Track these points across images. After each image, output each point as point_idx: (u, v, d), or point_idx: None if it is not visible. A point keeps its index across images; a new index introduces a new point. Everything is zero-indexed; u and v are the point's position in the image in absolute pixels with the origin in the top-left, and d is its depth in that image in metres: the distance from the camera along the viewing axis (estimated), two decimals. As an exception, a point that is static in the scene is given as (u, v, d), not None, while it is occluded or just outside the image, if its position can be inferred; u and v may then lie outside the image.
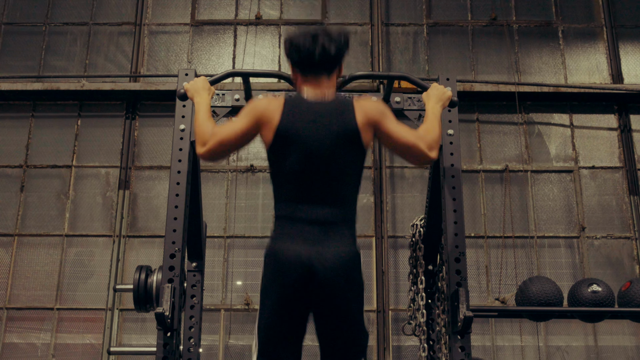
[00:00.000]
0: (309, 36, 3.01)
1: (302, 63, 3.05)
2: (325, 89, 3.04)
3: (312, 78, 3.05)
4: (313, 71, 3.04)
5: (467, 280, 3.45)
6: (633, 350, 8.35)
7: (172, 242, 3.46)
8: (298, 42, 3.03)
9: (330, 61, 3.03)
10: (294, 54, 3.06)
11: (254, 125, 2.97)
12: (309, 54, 3.00)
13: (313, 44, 2.99)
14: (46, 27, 9.61)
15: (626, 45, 9.50)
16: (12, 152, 9.05)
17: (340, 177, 2.93)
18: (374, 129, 2.99)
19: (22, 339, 8.40)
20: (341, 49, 3.05)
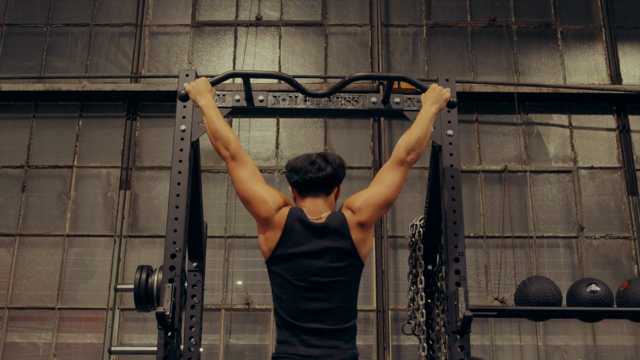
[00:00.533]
0: (307, 159, 3.14)
1: (299, 184, 3.15)
2: (323, 206, 3.14)
3: (310, 198, 3.15)
4: (310, 191, 3.14)
5: (466, 280, 3.45)
6: (631, 350, 8.35)
7: (173, 242, 3.45)
8: (297, 164, 3.15)
9: (327, 181, 3.14)
10: (292, 175, 3.16)
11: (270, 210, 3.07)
12: (306, 173, 3.11)
13: (310, 166, 3.12)
14: (47, 28, 9.61)
15: (625, 46, 9.50)
16: (13, 153, 9.05)
17: (339, 291, 3.02)
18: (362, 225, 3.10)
19: (24, 338, 8.40)
20: (337, 170, 3.16)
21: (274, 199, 3.09)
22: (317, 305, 2.98)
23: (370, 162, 8.89)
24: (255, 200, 3.09)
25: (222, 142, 3.21)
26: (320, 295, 2.99)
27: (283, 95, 3.89)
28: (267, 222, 3.06)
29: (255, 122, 9.12)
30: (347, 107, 3.87)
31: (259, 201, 3.08)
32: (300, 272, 2.99)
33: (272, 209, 3.06)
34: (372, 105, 3.86)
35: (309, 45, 9.53)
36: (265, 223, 3.07)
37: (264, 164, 8.88)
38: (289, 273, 3.01)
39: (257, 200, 3.09)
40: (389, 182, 3.19)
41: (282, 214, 3.06)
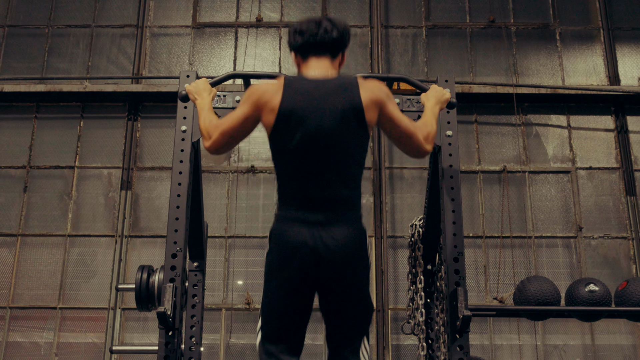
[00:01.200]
0: (312, 21, 3.03)
1: (304, 45, 3.02)
2: (328, 69, 3.01)
3: (315, 60, 3.02)
4: (315, 52, 3.02)
5: (465, 280, 3.45)
6: (630, 349, 8.35)
7: (174, 242, 3.46)
8: (301, 27, 3.03)
9: (333, 43, 3.03)
10: (297, 38, 3.03)
11: (254, 110, 2.94)
12: (311, 35, 2.99)
13: (316, 27, 3.00)
14: (49, 30, 9.61)
15: (623, 47, 9.50)
16: (15, 153, 9.05)
17: (345, 156, 2.89)
18: (378, 109, 2.94)
19: (26, 337, 8.40)
20: (343, 34, 3.06)
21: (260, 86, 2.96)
22: (320, 168, 2.87)
23: (370, 163, 8.89)
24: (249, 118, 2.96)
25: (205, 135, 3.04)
26: (324, 157, 2.86)
27: (283, 96, 3.88)
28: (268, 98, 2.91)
29: (256, 123, 9.11)
30: (347, 107, 3.86)
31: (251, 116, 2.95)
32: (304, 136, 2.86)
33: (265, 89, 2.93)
34: (371, 106, 3.86)
35: (309, 46, 9.52)
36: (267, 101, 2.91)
37: (264, 164, 8.88)
38: (293, 138, 2.87)
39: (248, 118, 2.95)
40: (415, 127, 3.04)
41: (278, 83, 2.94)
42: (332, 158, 2.87)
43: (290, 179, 2.92)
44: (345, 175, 2.90)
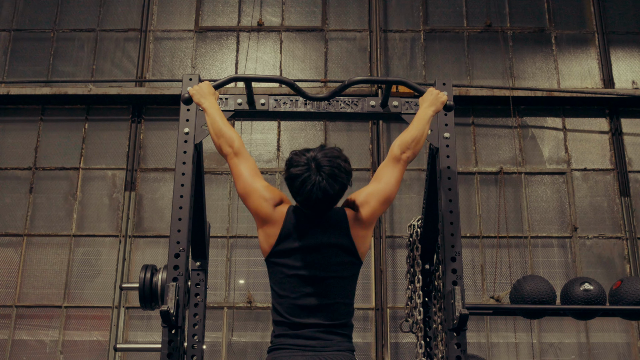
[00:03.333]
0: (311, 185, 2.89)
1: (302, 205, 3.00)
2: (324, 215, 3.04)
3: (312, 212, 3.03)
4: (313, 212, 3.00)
5: (462, 279, 3.45)
6: (624, 347, 8.35)
7: (177, 242, 3.45)
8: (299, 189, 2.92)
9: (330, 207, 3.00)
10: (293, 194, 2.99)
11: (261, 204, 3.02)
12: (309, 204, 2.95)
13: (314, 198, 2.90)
14: (54, 34, 9.61)
15: (617, 51, 9.50)
16: (21, 155, 9.06)
17: (338, 290, 2.99)
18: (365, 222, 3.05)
19: (31, 336, 8.40)
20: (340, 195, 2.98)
21: (273, 196, 3.04)
22: (314, 301, 2.95)
23: (369, 164, 8.89)
24: (255, 196, 3.04)
25: (226, 140, 3.16)
26: (318, 291, 2.95)
27: (284, 99, 3.89)
28: (266, 218, 3.01)
29: (257, 125, 9.12)
30: (347, 110, 3.86)
31: (259, 197, 3.03)
32: (299, 267, 2.96)
33: (272, 205, 3.02)
34: (370, 108, 3.86)
35: (309, 50, 9.53)
36: (265, 219, 3.02)
37: (265, 165, 8.89)
38: (288, 268, 2.97)
39: (257, 195, 3.03)
40: (387, 179, 3.13)
41: (281, 210, 3.02)
42: (325, 290, 2.97)
43: (284, 304, 2.99)
44: (337, 305, 2.99)
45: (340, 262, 3.00)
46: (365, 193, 3.10)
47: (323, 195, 2.89)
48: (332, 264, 2.98)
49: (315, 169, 2.90)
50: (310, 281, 2.96)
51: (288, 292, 2.98)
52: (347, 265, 3.02)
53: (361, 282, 5.98)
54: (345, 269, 3.02)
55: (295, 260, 2.97)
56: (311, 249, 2.97)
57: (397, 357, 8.22)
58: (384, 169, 3.19)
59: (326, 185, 2.88)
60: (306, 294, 2.96)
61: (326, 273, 2.97)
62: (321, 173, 2.89)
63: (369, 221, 3.06)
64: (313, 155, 2.94)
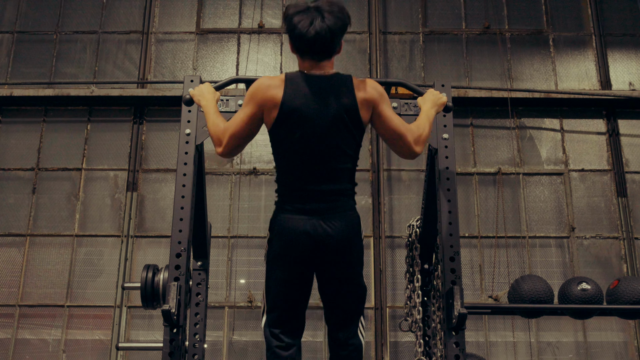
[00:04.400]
0: (307, 22, 2.94)
1: (301, 49, 3.02)
2: (325, 68, 3.05)
3: (311, 60, 3.05)
4: (311, 56, 3.03)
5: (461, 279, 3.45)
6: (621, 346, 8.35)
7: (178, 242, 3.45)
8: (296, 26, 2.96)
9: (330, 49, 3.02)
10: (292, 37, 3.01)
11: (259, 109, 3.00)
12: (308, 43, 2.97)
13: (312, 34, 2.93)
14: (57, 36, 9.62)
15: (614, 52, 9.50)
16: (24, 156, 9.06)
17: (340, 152, 3.00)
18: (371, 108, 3.03)
19: (34, 335, 8.40)
20: (340, 33, 3.01)
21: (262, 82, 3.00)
22: (318, 165, 2.97)
23: (369, 165, 8.89)
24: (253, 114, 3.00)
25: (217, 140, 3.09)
26: (322, 155, 2.97)
27: (284, 100, 3.88)
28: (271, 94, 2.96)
29: (258, 126, 9.10)
30: (346, 111, 3.86)
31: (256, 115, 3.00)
32: (303, 132, 2.94)
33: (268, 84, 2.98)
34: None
35: (309, 52, 9.52)
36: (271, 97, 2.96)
37: (265, 166, 8.89)
38: (293, 133, 2.96)
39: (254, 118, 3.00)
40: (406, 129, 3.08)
41: (279, 78, 3.01)
42: (328, 154, 2.98)
43: (289, 172, 3.03)
44: (340, 170, 3.02)
45: (342, 124, 2.98)
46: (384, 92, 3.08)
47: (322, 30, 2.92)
48: (334, 128, 2.97)
49: (314, 9, 2.96)
50: (313, 145, 2.96)
51: (291, 157, 3.00)
52: (349, 126, 3.00)
53: (361, 281, 5.94)
54: (347, 133, 3.00)
55: (298, 124, 2.95)
56: (313, 108, 2.95)
57: (397, 356, 8.22)
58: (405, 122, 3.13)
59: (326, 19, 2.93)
60: (310, 158, 2.97)
61: (329, 138, 2.96)
62: (320, 12, 2.95)
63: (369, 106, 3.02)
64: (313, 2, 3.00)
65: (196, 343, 4.25)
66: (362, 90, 3.01)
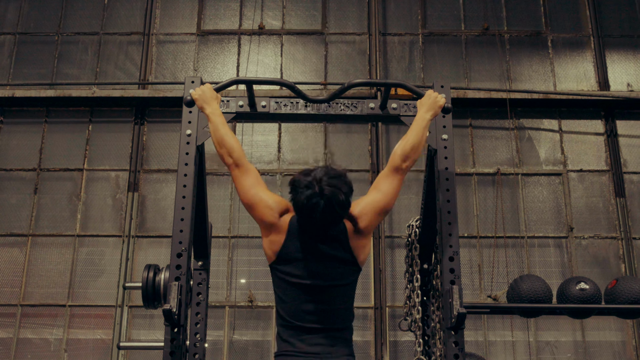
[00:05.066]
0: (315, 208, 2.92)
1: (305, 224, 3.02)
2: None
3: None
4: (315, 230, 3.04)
5: (460, 279, 3.45)
6: (619, 345, 8.35)
7: (179, 242, 3.45)
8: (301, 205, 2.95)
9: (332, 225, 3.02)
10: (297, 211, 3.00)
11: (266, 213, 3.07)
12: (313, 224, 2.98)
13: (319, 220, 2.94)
14: (59, 37, 9.62)
15: (612, 54, 9.50)
16: (26, 156, 9.06)
17: (338, 298, 3.04)
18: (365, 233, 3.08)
19: (36, 334, 8.40)
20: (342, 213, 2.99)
21: (278, 205, 3.07)
22: (316, 307, 2.99)
23: (368, 166, 8.89)
24: (260, 206, 3.08)
25: (227, 149, 3.20)
26: (320, 298, 3.00)
27: (285, 101, 3.89)
28: (271, 227, 3.06)
29: (258, 127, 9.12)
30: (346, 112, 3.87)
31: (264, 206, 3.07)
32: (301, 276, 2.99)
33: (277, 214, 3.05)
34: (370, 110, 3.86)
35: (309, 53, 9.54)
36: (270, 227, 3.06)
37: (266, 167, 8.89)
38: (291, 276, 3.01)
39: (262, 205, 3.07)
40: (386, 190, 3.17)
41: (285, 219, 3.06)
42: (327, 297, 3.01)
43: (288, 309, 3.03)
44: (339, 311, 3.04)
45: (341, 272, 3.04)
46: (364, 204, 3.12)
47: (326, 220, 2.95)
48: (333, 273, 3.02)
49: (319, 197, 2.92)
50: (312, 289, 3.00)
51: (291, 299, 3.03)
52: (348, 273, 3.06)
53: (361, 281, 5.98)
54: (345, 277, 3.05)
55: (297, 268, 3.01)
56: (313, 259, 3.01)
57: (396, 355, 8.22)
58: (384, 178, 3.21)
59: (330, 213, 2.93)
60: (308, 301, 3.00)
61: (327, 282, 3.01)
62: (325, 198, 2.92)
63: (367, 231, 3.10)
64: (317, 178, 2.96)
65: (197, 342, 4.25)
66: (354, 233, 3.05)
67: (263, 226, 3.09)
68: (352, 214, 3.08)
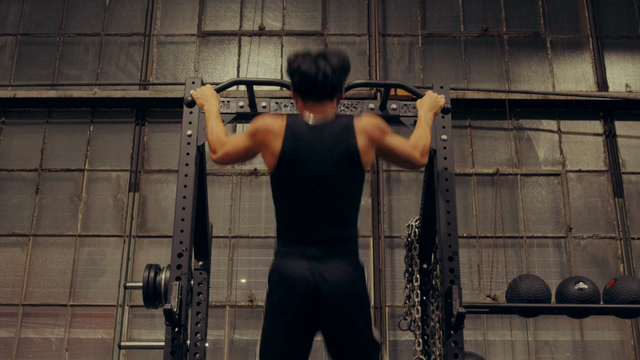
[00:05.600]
0: (311, 61, 2.92)
1: (303, 89, 2.96)
2: (327, 111, 2.98)
3: (314, 103, 2.98)
4: (315, 97, 2.97)
5: (459, 278, 3.46)
6: (617, 345, 8.35)
7: (180, 242, 3.46)
8: (299, 66, 2.93)
9: (332, 88, 2.96)
10: (295, 78, 2.96)
11: (256, 146, 2.97)
12: (310, 80, 2.91)
13: (315, 71, 2.90)
14: (60, 38, 9.62)
15: (611, 54, 9.50)
16: (27, 157, 9.06)
17: (342, 198, 2.92)
18: (375, 146, 2.98)
19: (38, 334, 8.40)
20: (342, 75, 2.99)
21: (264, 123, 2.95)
22: (319, 210, 2.88)
23: (368, 166, 8.88)
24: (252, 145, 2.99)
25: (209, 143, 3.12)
26: (323, 200, 2.88)
27: (285, 102, 3.90)
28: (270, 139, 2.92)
29: (259, 128, 9.10)
30: (346, 112, 3.87)
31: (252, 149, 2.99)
32: (303, 179, 2.87)
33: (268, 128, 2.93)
34: (369, 111, 3.87)
35: (309, 54, 9.52)
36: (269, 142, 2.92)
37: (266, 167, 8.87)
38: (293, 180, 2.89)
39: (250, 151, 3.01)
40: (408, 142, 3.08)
41: (280, 124, 2.93)
42: (330, 201, 2.89)
43: (289, 218, 2.93)
44: (342, 216, 2.92)
45: (344, 170, 2.91)
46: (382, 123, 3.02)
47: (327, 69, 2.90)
48: (335, 171, 2.89)
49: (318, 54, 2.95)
50: (314, 191, 2.88)
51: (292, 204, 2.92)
52: (351, 172, 2.94)
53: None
54: (349, 178, 2.93)
55: (298, 169, 2.88)
56: (315, 156, 2.88)
57: (396, 354, 8.22)
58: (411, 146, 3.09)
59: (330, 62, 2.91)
60: (311, 204, 2.88)
61: (330, 180, 2.89)
62: (324, 55, 2.94)
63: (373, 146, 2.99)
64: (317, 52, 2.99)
65: (197, 342, 4.25)
66: (364, 134, 2.93)
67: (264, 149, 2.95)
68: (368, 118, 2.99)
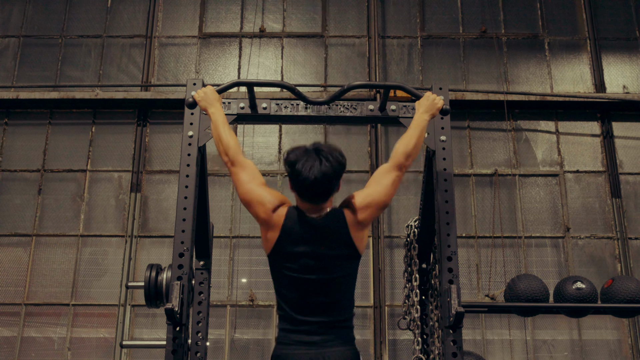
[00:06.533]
0: (308, 165, 2.91)
1: (299, 192, 2.99)
2: (323, 209, 3.03)
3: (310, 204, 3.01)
4: (311, 201, 3.00)
5: (458, 278, 3.45)
6: (615, 344, 8.35)
7: (181, 242, 3.46)
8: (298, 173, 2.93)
9: (328, 194, 2.99)
10: (292, 180, 2.98)
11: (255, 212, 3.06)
12: (307, 188, 2.93)
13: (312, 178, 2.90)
14: (62, 40, 9.62)
15: (608, 56, 9.50)
16: (30, 157, 9.06)
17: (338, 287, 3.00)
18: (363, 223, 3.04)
19: (40, 333, 8.40)
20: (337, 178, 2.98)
21: (271, 200, 3.03)
22: (317, 300, 2.95)
23: (368, 167, 8.89)
24: (254, 202, 3.05)
25: (223, 147, 3.20)
26: (321, 290, 2.96)
27: (285, 103, 3.89)
28: (266, 223, 3.02)
29: (259, 129, 9.12)
30: (346, 114, 3.87)
31: (257, 202, 3.03)
32: (300, 270, 2.96)
33: (269, 209, 3.01)
34: (369, 112, 3.87)
35: (309, 55, 9.54)
36: (265, 223, 3.03)
37: (267, 168, 8.89)
38: (290, 270, 2.97)
39: (255, 201, 3.04)
40: (387, 184, 3.12)
41: (280, 213, 3.01)
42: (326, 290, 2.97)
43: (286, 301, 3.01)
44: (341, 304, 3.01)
45: (341, 263, 2.99)
46: (365, 195, 3.08)
47: (322, 175, 2.89)
48: (333, 265, 2.97)
49: (314, 153, 2.93)
50: (312, 282, 2.96)
51: (290, 291, 2.99)
52: (348, 264, 3.02)
53: (360, 280, 5.96)
54: (346, 268, 3.02)
55: (295, 262, 2.97)
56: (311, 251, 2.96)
57: (395, 353, 8.22)
58: (384, 173, 3.17)
59: (325, 165, 2.90)
60: (309, 293, 2.96)
61: (327, 274, 2.97)
62: (320, 156, 2.92)
63: (367, 223, 3.06)
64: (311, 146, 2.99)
65: (199, 341, 4.25)
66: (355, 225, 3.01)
67: (259, 222, 3.07)
68: (353, 204, 3.05)
